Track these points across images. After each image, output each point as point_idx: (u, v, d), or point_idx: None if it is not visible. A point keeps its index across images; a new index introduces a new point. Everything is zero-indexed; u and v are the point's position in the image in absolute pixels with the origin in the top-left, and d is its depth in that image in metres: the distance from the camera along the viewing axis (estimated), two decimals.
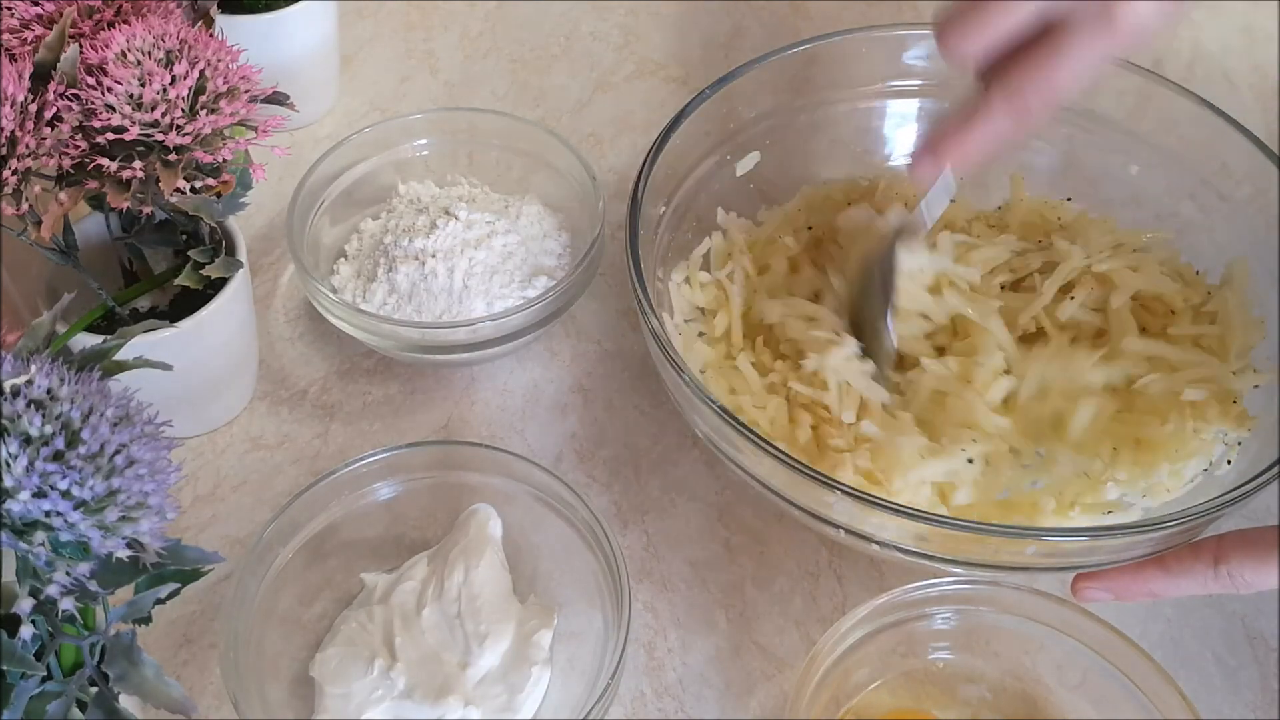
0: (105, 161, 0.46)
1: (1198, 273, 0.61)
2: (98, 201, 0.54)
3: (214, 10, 0.53)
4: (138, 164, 0.46)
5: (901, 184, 0.65)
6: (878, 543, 0.49)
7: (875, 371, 0.56)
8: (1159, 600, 0.47)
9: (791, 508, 0.50)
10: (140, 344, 0.48)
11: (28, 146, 0.43)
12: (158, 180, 0.46)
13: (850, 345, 0.56)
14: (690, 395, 0.50)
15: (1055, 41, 0.46)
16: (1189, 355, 0.56)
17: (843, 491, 0.47)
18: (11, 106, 0.43)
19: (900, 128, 0.68)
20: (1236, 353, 0.56)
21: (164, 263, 0.59)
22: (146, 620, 0.39)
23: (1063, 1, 0.46)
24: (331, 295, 0.60)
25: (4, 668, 0.35)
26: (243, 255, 0.57)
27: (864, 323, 0.57)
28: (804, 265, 0.62)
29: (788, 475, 0.48)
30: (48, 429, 0.33)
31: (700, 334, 0.60)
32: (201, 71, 0.47)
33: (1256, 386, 0.55)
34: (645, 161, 0.58)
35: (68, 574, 0.34)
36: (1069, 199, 0.65)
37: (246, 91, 0.48)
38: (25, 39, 0.48)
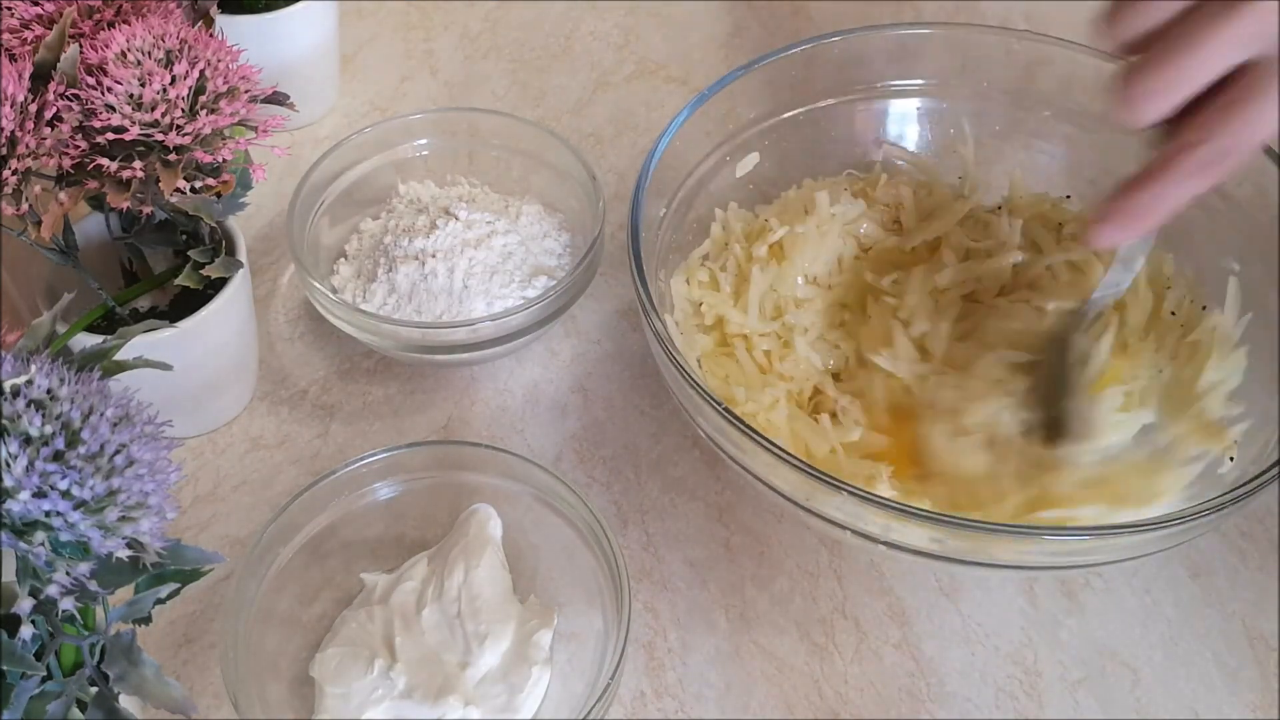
0: (105, 161, 0.46)
1: (1193, 303, 0.61)
2: (98, 201, 0.54)
3: (214, 10, 0.53)
4: (138, 164, 0.46)
5: (900, 176, 0.65)
6: (884, 543, 0.49)
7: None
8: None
9: (796, 508, 0.50)
10: (140, 344, 0.48)
11: (28, 146, 0.43)
12: (158, 180, 0.46)
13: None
14: (693, 395, 0.50)
15: (1247, 91, 0.41)
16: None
17: (849, 493, 0.47)
18: (11, 106, 0.43)
19: (900, 128, 0.68)
20: (1211, 380, 0.56)
21: (164, 263, 0.59)
22: (146, 620, 0.39)
23: (1255, 42, 0.41)
24: (331, 295, 0.60)
25: (4, 668, 0.35)
26: (243, 255, 0.57)
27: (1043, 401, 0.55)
28: None
29: (795, 478, 0.48)
30: (48, 429, 0.33)
31: (697, 325, 0.61)
32: (201, 71, 0.47)
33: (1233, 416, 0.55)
34: (646, 162, 0.58)
35: (68, 574, 0.34)
36: (1068, 196, 0.65)
37: (246, 91, 0.48)
38: (25, 39, 0.48)
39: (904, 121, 0.68)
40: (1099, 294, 0.55)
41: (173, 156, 0.46)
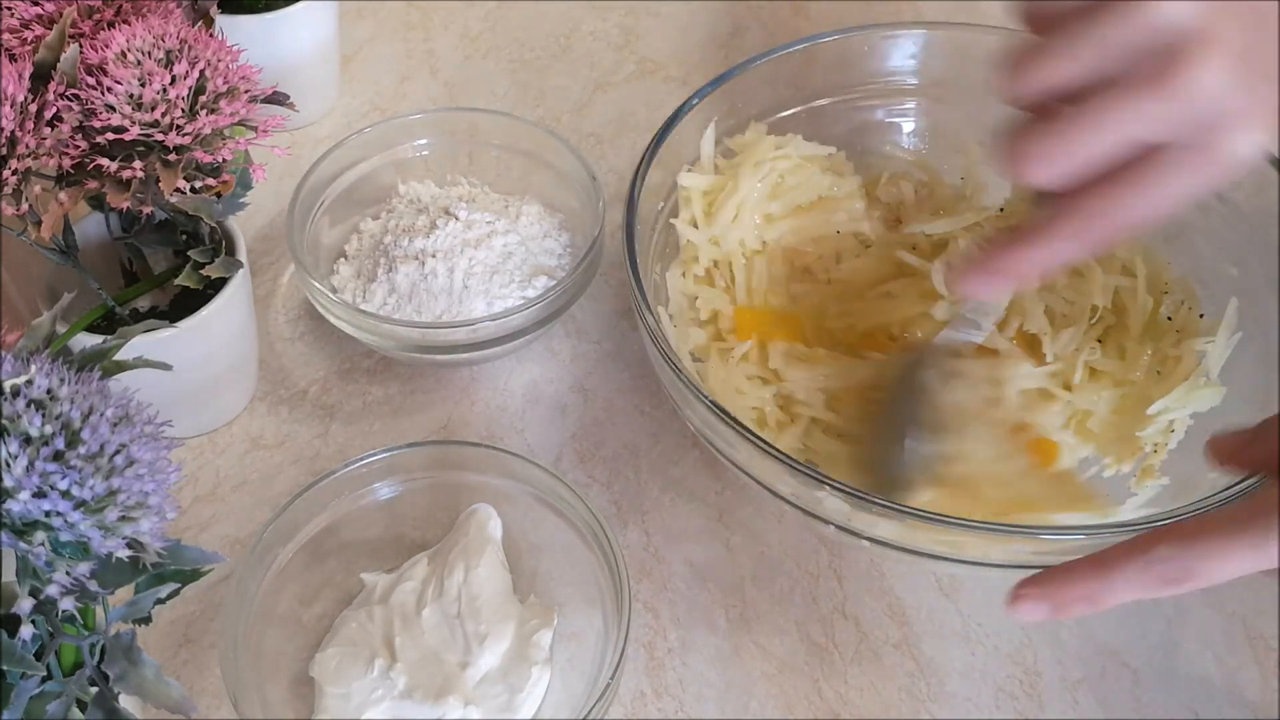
0: (105, 161, 0.46)
1: (1190, 310, 0.61)
2: (98, 201, 0.54)
3: (214, 10, 0.53)
4: (138, 164, 0.46)
5: (900, 175, 0.65)
6: (868, 539, 0.49)
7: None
8: (1102, 609, 0.42)
9: (786, 504, 0.51)
10: (140, 344, 0.48)
11: (28, 146, 0.43)
12: (158, 180, 0.46)
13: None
14: (684, 391, 0.50)
15: (1143, 171, 0.40)
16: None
17: (832, 488, 0.47)
18: (11, 106, 0.43)
19: (901, 127, 0.68)
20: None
21: (164, 263, 0.59)
22: (146, 620, 0.39)
23: (1163, 126, 0.39)
24: (331, 295, 0.60)
25: (4, 668, 0.35)
26: (243, 255, 0.57)
27: (882, 441, 0.55)
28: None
29: (781, 472, 0.48)
30: (48, 429, 0.33)
31: (692, 319, 0.60)
32: (201, 71, 0.47)
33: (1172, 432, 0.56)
34: (643, 158, 0.58)
35: (68, 574, 0.34)
36: None
37: (246, 91, 0.48)
38: (25, 39, 0.48)
39: (904, 121, 0.68)
40: (948, 334, 0.54)
41: (173, 156, 0.46)
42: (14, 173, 0.43)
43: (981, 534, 0.47)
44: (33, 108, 0.44)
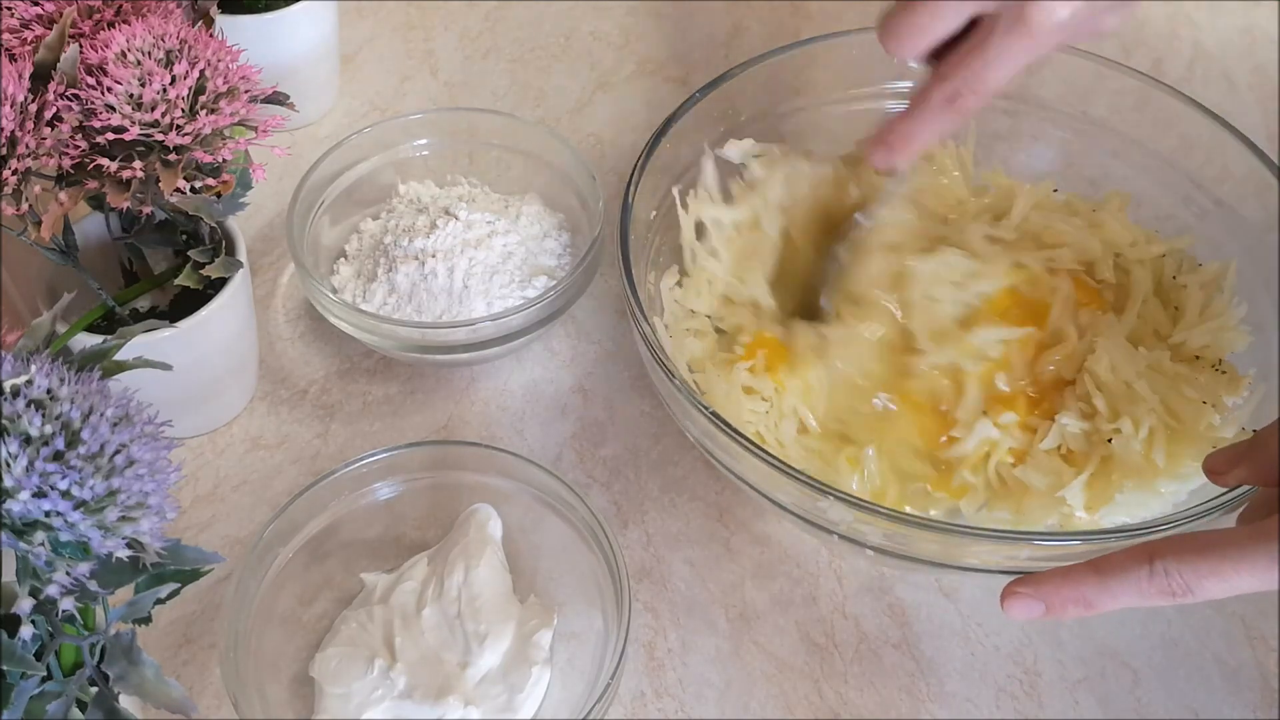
0: (105, 161, 0.46)
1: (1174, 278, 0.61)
2: (98, 201, 0.54)
3: (214, 10, 0.53)
4: (138, 164, 0.46)
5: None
6: (871, 547, 0.49)
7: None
8: (1095, 613, 0.43)
9: (785, 512, 0.51)
10: (140, 344, 0.48)
11: (28, 146, 0.43)
12: (158, 180, 0.46)
13: None
14: (682, 400, 0.50)
15: (981, 41, 0.49)
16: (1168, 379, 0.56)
17: (835, 497, 0.47)
18: (11, 106, 0.43)
19: None
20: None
21: (164, 263, 0.59)
22: (146, 620, 0.39)
23: (984, 1, 0.48)
24: (331, 295, 0.60)
25: (4, 668, 0.35)
26: (243, 255, 0.57)
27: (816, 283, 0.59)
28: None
29: (781, 481, 0.48)
30: (48, 429, 0.33)
31: (686, 329, 0.60)
32: (201, 71, 0.47)
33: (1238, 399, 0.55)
34: (634, 168, 0.58)
35: (68, 574, 0.34)
36: (1055, 190, 0.64)
37: (246, 91, 0.48)
38: (25, 39, 0.48)
39: None
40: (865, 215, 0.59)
41: (173, 156, 0.46)
42: (14, 173, 0.43)
43: (983, 540, 0.47)
44: (33, 108, 0.44)
